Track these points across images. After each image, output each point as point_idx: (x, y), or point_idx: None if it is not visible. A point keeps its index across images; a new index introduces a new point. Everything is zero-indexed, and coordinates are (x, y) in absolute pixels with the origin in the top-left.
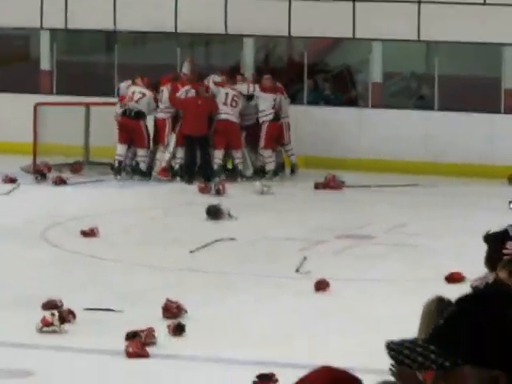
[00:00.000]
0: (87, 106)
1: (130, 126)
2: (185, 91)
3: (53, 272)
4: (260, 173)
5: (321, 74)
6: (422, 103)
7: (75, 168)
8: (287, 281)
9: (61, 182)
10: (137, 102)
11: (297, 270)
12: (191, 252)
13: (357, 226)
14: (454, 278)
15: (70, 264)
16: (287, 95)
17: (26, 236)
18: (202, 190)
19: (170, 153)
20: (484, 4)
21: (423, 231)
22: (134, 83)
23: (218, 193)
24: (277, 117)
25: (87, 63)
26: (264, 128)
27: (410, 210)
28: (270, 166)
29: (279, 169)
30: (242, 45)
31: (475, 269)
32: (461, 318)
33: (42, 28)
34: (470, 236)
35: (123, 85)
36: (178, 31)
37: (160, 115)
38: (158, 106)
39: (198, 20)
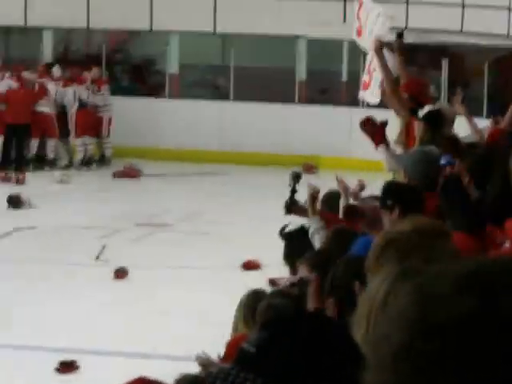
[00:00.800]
0: None
1: None
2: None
3: None
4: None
5: (119, 65)
6: (218, 94)
7: None
8: (86, 268)
9: None
10: None
11: (97, 258)
12: None
13: (154, 214)
14: (249, 266)
15: None
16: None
17: None
18: (3, 180)
19: None
20: None
21: (220, 219)
22: None
23: (18, 182)
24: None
25: None
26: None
27: (206, 198)
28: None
29: (90, 159)
30: (42, 37)
31: (269, 255)
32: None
33: None
34: (263, 223)
35: None
36: None
37: None
38: None
39: None
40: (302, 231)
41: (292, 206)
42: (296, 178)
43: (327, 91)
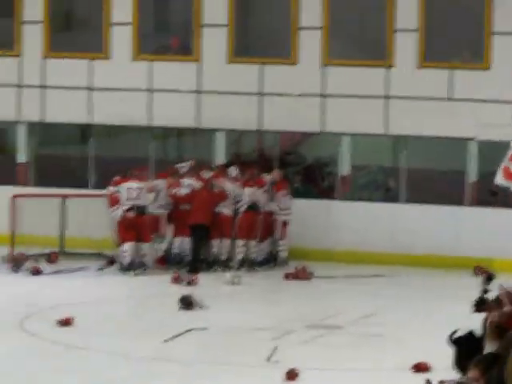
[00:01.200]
0: (63, 197)
1: (137, 222)
2: (187, 185)
3: (31, 361)
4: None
5: (291, 166)
6: (389, 196)
7: (51, 258)
8: (258, 370)
9: (37, 271)
10: (137, 197)
11: (267, 360)
12: (165, 341)
13: (325, 316)
14: (420, 368)
15: (47, 353)
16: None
17: (2, 325)
18: (175, 280)
19: (166, 243)
20: (449, 100)
21: (390, 321)
22: (125, 179)
23: (190, 283)
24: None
25: (63, 156)
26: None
27: (377, 301)
28: (239, 256)
29: (267, 260)
30: (214, 138)
31: (441, 359)
32: None
33: (18, 121)
34: (435, 326)
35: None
36: (152, 125)
37: (157, 211)
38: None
39: (170, 114)
40: (472, 337)
41: (482, 306)
42: (489, 279)
43: (497, 193)
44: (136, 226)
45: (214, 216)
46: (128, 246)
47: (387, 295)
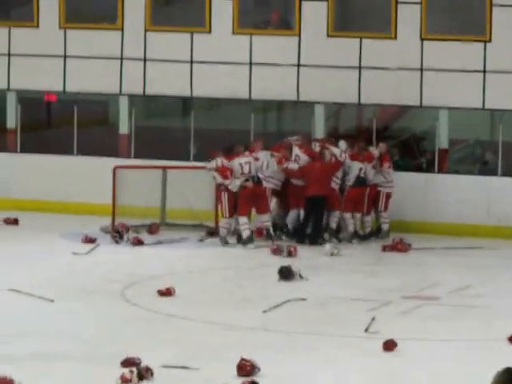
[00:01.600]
0: (164, 169)
1: (256, 193)
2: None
3: (132, 330)
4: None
5: (389, 140)
6: (486, 169)
7: (152, 229)
8: (356, 340)
9: (138, 242)
10: (250, 171)
11: (366, 330)
12: (264, 312)
13: (423, 288)
14: None
15: (148, 322)
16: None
17: (105, 295)
18: (275, 252)
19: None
20: None
21: (487, 293)
22: (231, 155)
23: (290, 254)
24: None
25: (164, 128)
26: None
27: (475, 272)
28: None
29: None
30: (313, 111)
31: None
32: None
33: (120, 93)
34: None
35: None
36: (252, 98)
37: (265, 184)
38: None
39: (270, 87)
40: None
41: None
42: None
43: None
44: (255, 197)
45: (331, 188)
46: (247, 219)
47: (484, 267)
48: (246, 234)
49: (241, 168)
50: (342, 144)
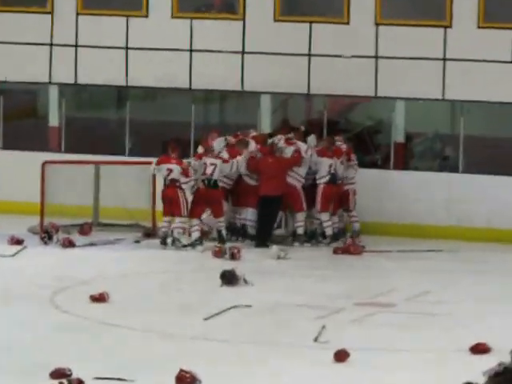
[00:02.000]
0: (97, 164)
1: (212, 197)
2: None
3: (61, 339)
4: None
5: (340, 133)
6: (446, 165)
7: (84, 229)
8: (305, 350)
9: (69, 243)
10: (212, 173)
11: (315, 340)
12: (205, 319)
13: (377, 294)
14: (478, 349)
15: (80, 331)
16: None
17: (33, 300)
18: (217, 254)
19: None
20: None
21: (448, 299)
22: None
23: (233, 257)
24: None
25: (97, 120)
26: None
27: (434, 277)
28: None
29: (340, 234)
30: (259, 102)
31: (501, 339)
32: None
33: (50, 82)
34: (495, 304)
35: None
36: (192, 87)
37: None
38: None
39: (212, 76)
40: None
41: None
42: None
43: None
44: (209, 200)
45: (286, 186)
46: (197, 221)
47: (444, 271)
48: (195, 235)
49: (204, 168)
50: (312, 139)
